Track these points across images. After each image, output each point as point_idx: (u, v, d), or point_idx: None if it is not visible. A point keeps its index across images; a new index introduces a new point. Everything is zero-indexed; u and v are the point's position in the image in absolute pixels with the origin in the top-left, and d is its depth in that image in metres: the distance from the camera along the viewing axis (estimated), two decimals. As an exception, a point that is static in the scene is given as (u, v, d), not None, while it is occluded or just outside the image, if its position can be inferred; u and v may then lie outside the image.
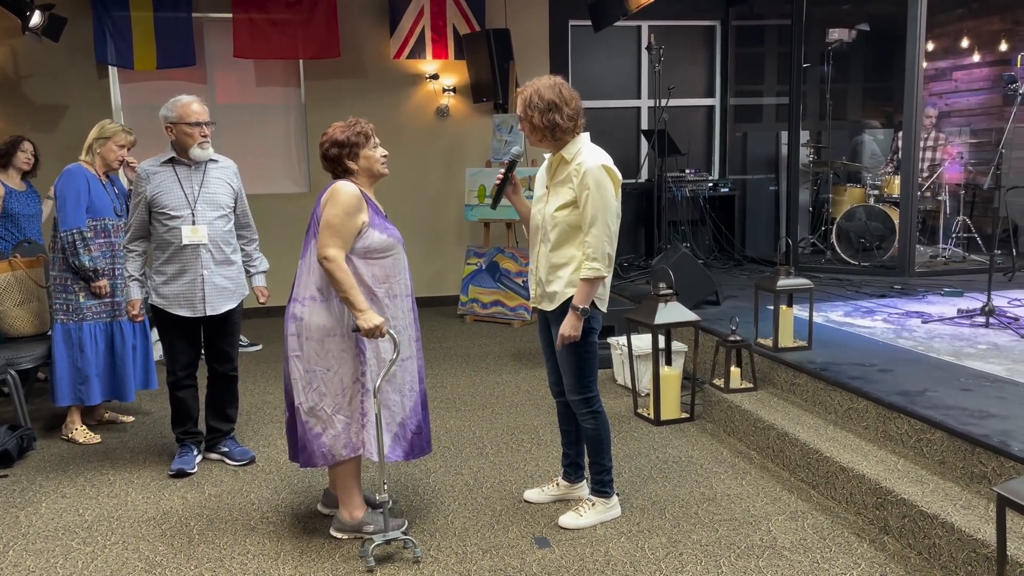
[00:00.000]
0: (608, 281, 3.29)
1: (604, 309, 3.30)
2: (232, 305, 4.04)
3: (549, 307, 3.28)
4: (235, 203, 4.07)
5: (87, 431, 4.57)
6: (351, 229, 3.07)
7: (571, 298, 3.19)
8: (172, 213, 3.86)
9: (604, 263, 3.12)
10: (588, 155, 3.14)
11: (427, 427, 3.34)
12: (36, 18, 6.19)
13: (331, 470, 3.36)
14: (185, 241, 3.86)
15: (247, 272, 4.19)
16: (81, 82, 7.31)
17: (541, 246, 3.28)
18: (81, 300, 4.37)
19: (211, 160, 3.97)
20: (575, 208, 3.14)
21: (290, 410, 3.25)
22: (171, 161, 3.91)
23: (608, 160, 3.16)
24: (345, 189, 3.08)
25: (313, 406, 3.16)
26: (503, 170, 3.35)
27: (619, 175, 3.17)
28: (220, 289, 3.97)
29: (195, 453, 4.13)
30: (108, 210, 4.42)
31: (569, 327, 3.17)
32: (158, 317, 4.00)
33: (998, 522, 2.35)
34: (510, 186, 3.36)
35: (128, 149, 4.50)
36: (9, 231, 5.33)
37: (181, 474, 3.99)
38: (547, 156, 3.33)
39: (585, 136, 3.22)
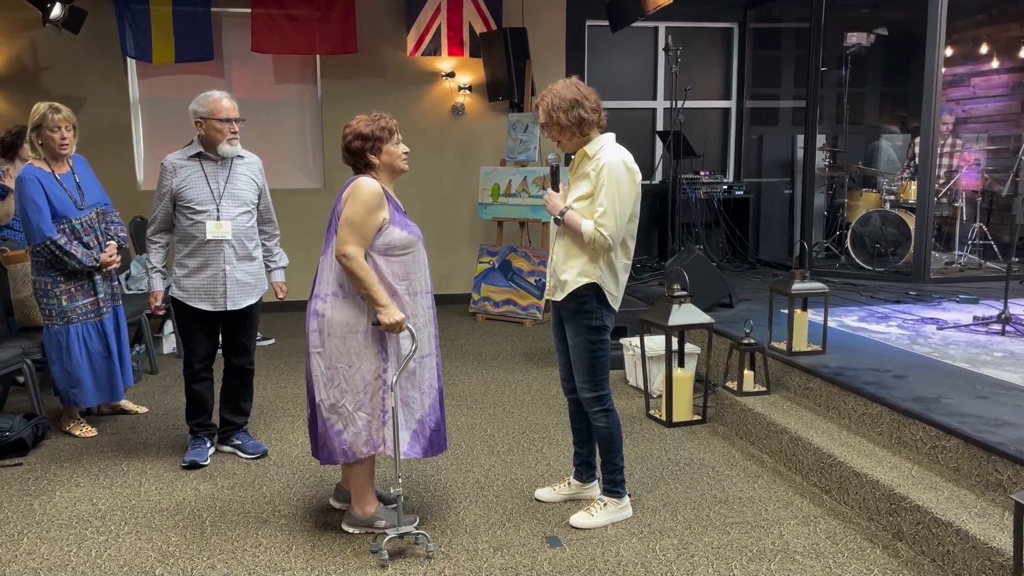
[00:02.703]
0: (623, 281, 3.30)
1: (616, 308, 3.31)
2: (252, 301, 4.07)
3: (560, 296, 3.29)
4: (259, 199, 4.09)
5: (83, 425, 4.54)
6: (371, 226, 3.07)
7: (581, 287, 3.21)
8: (197, 208, 3.88)
9: (608, 240, 3.13)
10: (610, 152, 3.17)
11: (444, 424, 3.35)
12: (56, 10, 6.22)
13: (345, 466, 3.37)
14: (209, 236, 3.89)
15: (267, 267, 4.21)
16: (99, 75, 7.35)
17: (558, 240, 3.32)
18: (64, 303, 4.24)
19: (237, 156, 4.00)
20: (591, 202, 3.17)
21: (311, 407, 3.26)
22: (198, 156, 3.94)
23: (629, 159, 3.19)
24: (366, 186, 3.09)
25: (334, 403, 3.17)
26: (549, 180, 3.41)
27: (639, 175, 3.20)
28: (241, 285, 3.99)
29: (208, 445, 4.15)
30: (68, 208, 4.16)
31: (550, 200, 3.26)
32: (177, 309, 4.02)
33: (1015, 530, 2.34)
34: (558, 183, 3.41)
35: (67, 128, 4.12)
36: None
37: (194, 466, 4.01)
38: (572, 156, 3.35)
39: (611, 136, 3.26)
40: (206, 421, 4.17)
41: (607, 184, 3.12)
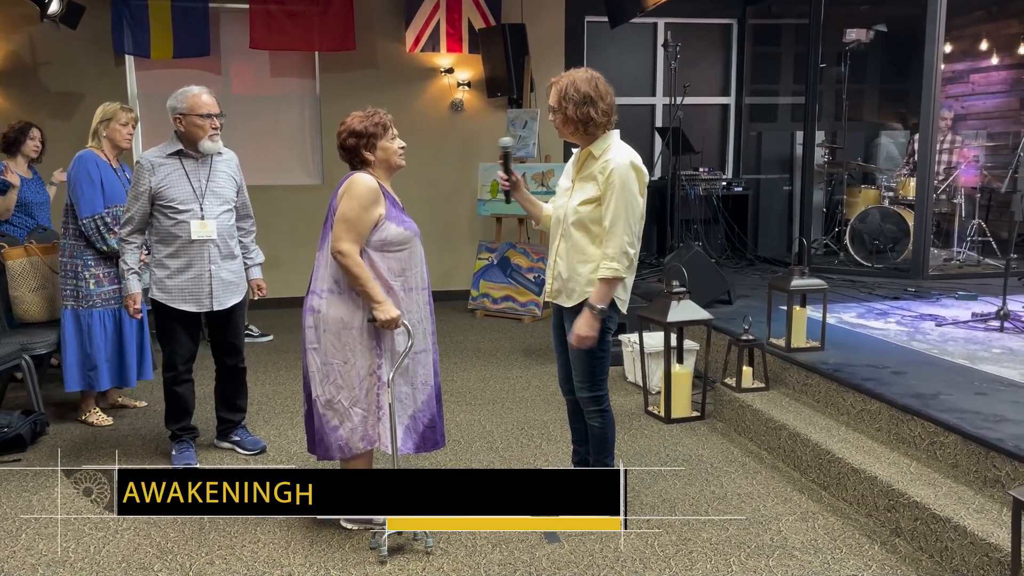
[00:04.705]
0: (629, 283, 3.25)
1: (624, 310, 3.25)
2: (237, 299, 4.02)
3: (567, 303, 3.24)
4: (237, 195, 4.03)
5: (101, 414, 4.63)
6: (367, 223, 3.07)
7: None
8: (180, 207, 3.79)
9: (623, 264, 3.07)
10: (617, 152, 3.10)
11: (441, 421, 3.35)
12: (54, 6, 6.19)
13: (344, 462, 3.37)
14: (194, 236, 3.80)
15: (244, 265, 4.13)
16: (97, 70, 7.33)
17: (561, 241, 3.24)
18: (91, 287, 4.36)
19: (216, 153, 3.91)
20: (598, 205, 3.10)
21: (308, 403, 3.26)
22: (178, 153, 3.84)
23: (637, 159, 3.12)
24: (362, 181, 3.08)
25: (330, 399, 3.17)
26: (501, 166, 3.31)
27: (647, 175, 3.13)
28: (226, 284, 3.94)
29: (193, 449, 4.09)
30: (120, 197, 4.36)
31: (586, 327, 3.10)
32: (158, 311, 3.91)
33: (1013, 526, 2.34)
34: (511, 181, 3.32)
35: (132, 126, 4.47)
36: (21, 219, 5.35)
37: None
38: (575, 151, 3.31)
39: (615, 133, 3.19)
40: (188, 425, 4.11)
41: (616, 194, 3.02)
